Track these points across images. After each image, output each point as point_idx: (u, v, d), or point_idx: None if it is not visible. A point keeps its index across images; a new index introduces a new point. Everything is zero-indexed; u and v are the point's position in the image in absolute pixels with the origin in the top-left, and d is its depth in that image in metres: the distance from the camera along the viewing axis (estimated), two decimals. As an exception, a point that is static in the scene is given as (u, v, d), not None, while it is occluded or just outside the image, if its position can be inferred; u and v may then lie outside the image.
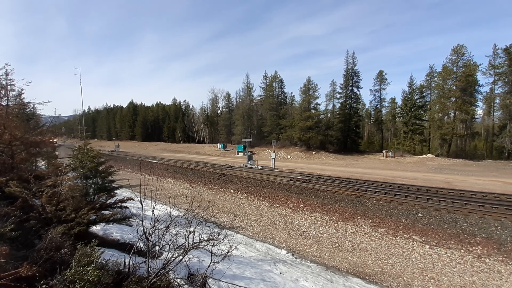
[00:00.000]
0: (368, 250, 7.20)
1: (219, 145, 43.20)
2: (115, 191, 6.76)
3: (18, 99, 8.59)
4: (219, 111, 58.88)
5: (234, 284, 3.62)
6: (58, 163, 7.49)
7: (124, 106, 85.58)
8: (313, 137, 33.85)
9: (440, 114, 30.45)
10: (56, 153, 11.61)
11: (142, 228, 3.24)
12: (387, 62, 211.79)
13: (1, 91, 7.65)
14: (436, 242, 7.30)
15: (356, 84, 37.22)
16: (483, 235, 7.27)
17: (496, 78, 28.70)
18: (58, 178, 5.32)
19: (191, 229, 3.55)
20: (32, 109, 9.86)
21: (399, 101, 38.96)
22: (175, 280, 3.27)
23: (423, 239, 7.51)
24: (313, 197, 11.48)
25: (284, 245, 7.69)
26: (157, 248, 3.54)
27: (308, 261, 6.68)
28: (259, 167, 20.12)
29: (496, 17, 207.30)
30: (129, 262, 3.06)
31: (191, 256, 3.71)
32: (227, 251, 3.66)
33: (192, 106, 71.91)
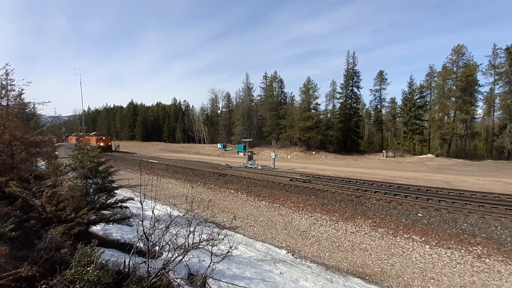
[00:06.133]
0: (368, 250, 7.19)
1: (219, 145, 43.20)
2: (115, 191, 6.77)
3: (18, 99, 8.57)
4: (219, 111, 58.94)
5: (234, 284, 3.62)
6: (58, 163, 7.48)
7: (124, 106, 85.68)
8: (313, 137, 33.86)
9: (440, 114, 30.47)
10: (56, 153, 11.62)
11: (142, 228, 3.24)
12: (387, 62, 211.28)
13: (1, 91, 7.64)
14: (436, 242, 7.30)
15: (356, 84, 37.27)
16: (483, 235, 7.27)
17: (496, 78, 28.71)
18: (58, 178, 5.32)
19: (191, 229, 3.54)
20: (32, 109, 9.83)
21: (399, 101, 39.06)
22: (175, 280, 3.26)
23: (423, 239, 7.50)
24: (313, 197, 11.48)
25: (284, 245, 7.69)
26: (157, 248, 3.54)
27: (308, 261, 6.68)
28: (259, 167, 20.11)
29: (496, 17, 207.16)
30: (129, 262, 3.06)
31: (191, 256, 3.71)
32: (227, 251, 3.66)
33: (192, 106, 72.05)
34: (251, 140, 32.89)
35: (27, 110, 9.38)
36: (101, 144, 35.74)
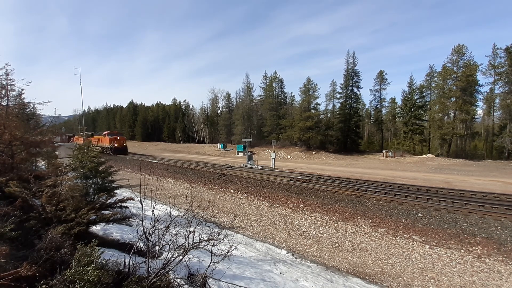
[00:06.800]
0: (368, 250, 7.19)
1: (219, 145, 43.20)
2: (115, 191, 6.76)
3: (18, 99, 8.59)
4: (219, 111, 58.98)
5: (234, 284, 3.62)
6: (58, 163, 7.49)
7: (124, 106, 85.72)
8: (313, 137, 33.87)
9: (440, 114, 30.47)
10: (56, 153, 11.61)
11: (142, 228, 3.24)
12: (387, 62, 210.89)
13: (1, 91, 7.65)
14: (436, 242, 7.30)
15: (356, 84, 37.28)
16: (483, 235, 7.27)
17: (496, 78, 28.72)
18: (58, 178, 5.33)
19: (191, 229, 3.55)
20: (32, 109, 9.85)
21: (399, 101, 39.08)
22: (175, 280, 3.27)
23: (423, 239, 7.50)
24: (313, 197, 11.48)
25: (284, 245, 7.69)
26: (157, 248, 3.54)
27: (308, 261, 6.68)
28: (259, 167, 20.11)
29: (496, 17, 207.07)
30: (129, 262, 3.06)
31: (191, 256, 3.71)
32: (227, 251, 3.66)
33: (192, 106, 72.09)
34: (251, 140, 32.89)
35: (27, 110, 9.40)
36: (116, 145, 30.68)
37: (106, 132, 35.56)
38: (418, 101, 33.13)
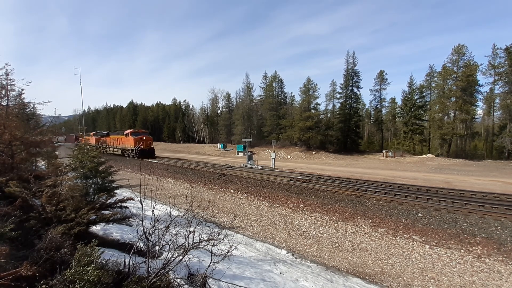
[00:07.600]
0: (368, 250, 7.19)
1: (219, 145, 43.24)
2: (115, 191, 6.75)
3: (18, 99, 8.59)
4: (219, 111, 59.06)
5: (234, 284, 3.62)
6: (58, 163, 7.49)
7: (124, 106, 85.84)
8: (313, 137, 33.90)
9: (440, 114, 30.50)
10: (56, 153, 11.61)
11: (142, 228, 3.25)
12: (387, 62, 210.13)
13: (1, 91, 7.65)
14: (436, 242, 7.30)
15: (356, 84, 37.34)
16: (483, 235, 7.27)
17: (496, 78, 28.74)
18: (58, 178, 5.33)
19: (191, 229, 3.55)
20: (32, 109, 9.84)
21: (399, 101, 39.15)
22: (175, 280, 3.27)
23: (423, 239, 7.50)
24: (313, 197, 11.48)
25: (284, 245, 7.69)
26: (157, 248, 3.54)
27: (308, 261, 6.67)
28: (259, 167, 20.12)
29: (496, 17, 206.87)
30: (129, 262, 3.06)
31: (191, 256, 3.71)
32: (227, 251, 3.66)
33: (192, 106, 72.32)
34: (251, 140, 32.89)
35: (27, 110, 9.40)
36: (142, 146, 25.83)
37: (129, 131, 28.02)
38: (418, 101, 33.17)
